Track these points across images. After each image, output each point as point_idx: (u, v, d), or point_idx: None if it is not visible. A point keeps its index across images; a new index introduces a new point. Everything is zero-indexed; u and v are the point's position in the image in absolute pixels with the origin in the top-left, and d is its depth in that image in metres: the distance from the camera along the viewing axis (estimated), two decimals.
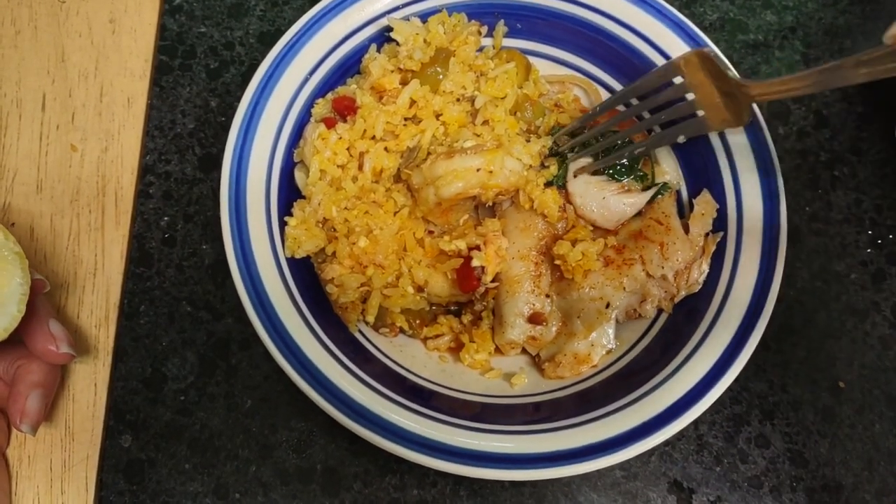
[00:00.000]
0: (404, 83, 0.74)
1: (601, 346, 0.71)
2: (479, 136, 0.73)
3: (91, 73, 0.85)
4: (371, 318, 0.71)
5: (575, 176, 0.74)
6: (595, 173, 0.74)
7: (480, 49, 0.80)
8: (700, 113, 0.70)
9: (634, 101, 0.77)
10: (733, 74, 0.66)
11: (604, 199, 0.73)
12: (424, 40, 0.75)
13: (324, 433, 0.74)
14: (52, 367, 0.68)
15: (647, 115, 0.75)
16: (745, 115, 0.68)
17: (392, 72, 0.75)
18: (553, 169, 0.74)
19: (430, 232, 0.74)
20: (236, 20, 0.89)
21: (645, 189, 0.74)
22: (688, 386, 0.64)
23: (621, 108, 0.78)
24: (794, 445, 0.75)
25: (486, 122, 0.75)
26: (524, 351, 0.74)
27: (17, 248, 0.64)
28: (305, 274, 0.72)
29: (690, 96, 0.71)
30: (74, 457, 0.72)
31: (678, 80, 0.71)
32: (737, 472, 0.74)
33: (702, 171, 0.75)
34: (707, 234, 0.73)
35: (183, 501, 0.71)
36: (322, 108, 0.75)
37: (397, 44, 0.76)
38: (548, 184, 0.74)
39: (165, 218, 0.81)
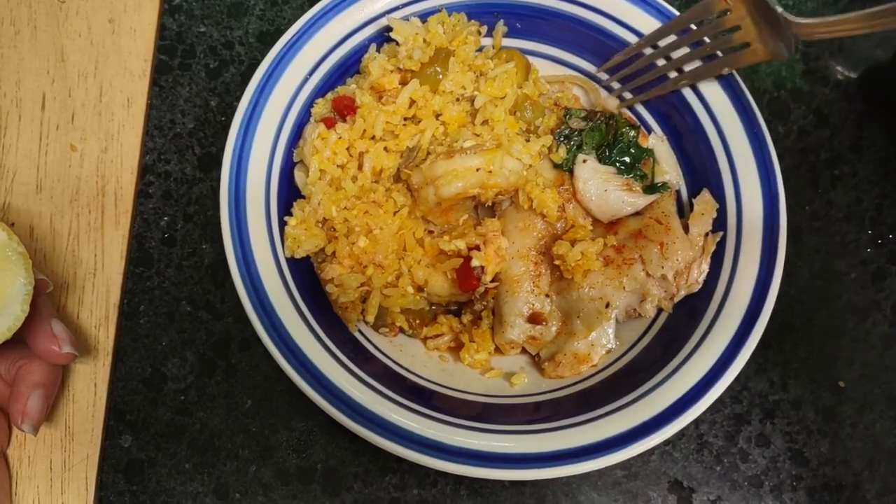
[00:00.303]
0: (404, 83, 0.74)
1: (601, 345, 0.71)
2: (478, 135, 0.73)
3: (90, 73, 0.85)
4: (371, 318, 0.71)
5: (584, 161, 0.74)
6: (603, 163, 0.74)
7: (480, 49, 0.80)
8: (745, 45, 0.70)
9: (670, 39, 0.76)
10: (780, 9, 0.66)
11: (605, 191, 0.73)
12: (424, 40, 0.75)
13: (324, 433, 0.74)
14: (54, 367, 0.68)
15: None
16: (791, 49, 0.67)
17: (392, 71, 0.75)
18: (562, 151, 0.74)
19: (430, 232, 0.74)
20: (236, 20, 0.89)
21: (645, 189, 0.74)
22: (688, 385, 0.64)
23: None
24: (794, 445, 0.75)
25: (485, 122, 0.74)
26: (524, 350, 0.74)
27: (20, 248, 0.64)
28: (305, 274, 0.72)
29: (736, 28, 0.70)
30: (74, 457, 0.72)
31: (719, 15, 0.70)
32: (737, 471, 0.74)
33: (701, 171, 0.75)
34: (707, 234, 0.73)
35: (183, 501, 0.71)
36: (322, 107, 0.75)
37: (397, 44, 0.76)
38: (556, 166, 0.74)
39: (165, 218, 0.81)
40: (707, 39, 0.73)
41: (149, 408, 0.74)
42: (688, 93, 0.75)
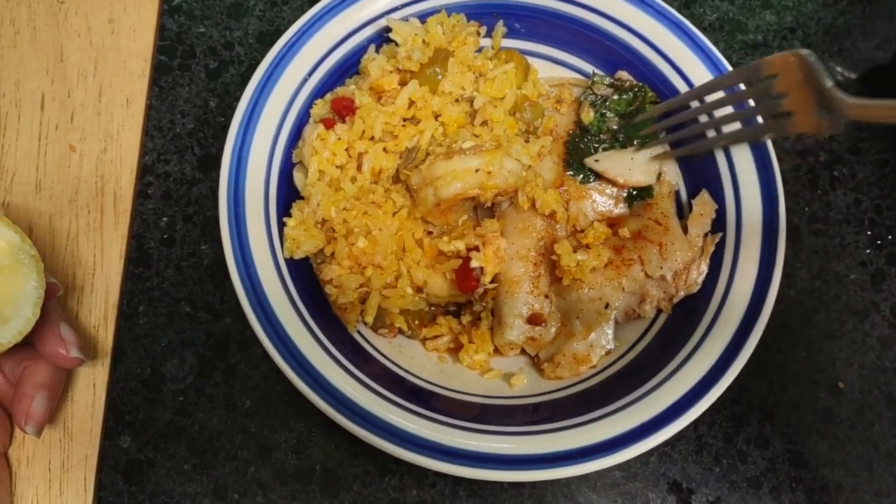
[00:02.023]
0: (403, 84, 0.74)
1: (600, 346, 0.71)
2: (477, 136, 0.73)
3: (90, 73, 0.85)
4: (370, 319, 0.71)
5: (596, 161, 0.75)
6: (622, 133, 0.77)
7: (479, 50, 0.80)
8: (789, 114, 0.65)
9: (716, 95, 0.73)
10: (832, 85, 0.61)
11: (631, 158, 0.74)
12: (423, 41, 0.75)
13: (323, 434, 0.74)
14: (59, 369, 0.68)
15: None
16: (836, 125, 0.62)
17: (391, 72, 0.75)
18: (591, 113, 0.76)
19: (429, 232, 0.74)
20: (235, 20, 0.89)
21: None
22: (687, 386, 0.64)
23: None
24: (793, 446, 0.75)
25: (484, 123, 0.75)
26: (523, 351, 0.74)
27: (33, 251, 0.64)
28: (304, 275, 0.72)
29: (782, 96, 0.65)
30: (73, 457, 0.72)
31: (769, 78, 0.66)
32: (736, 472, 0.74)
33: (700, 172, 0.75)
34: (706, 235, 0.73)
35: (182, 502, 0.71)
36: (321, 108, 0.75)
37: (396, 44, 0.76)
38: (584, 128, 0.77)
39: (164, 218, 0.81)
40: (752, 102, 0.69)
41: (148, 408, 0.74)
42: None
